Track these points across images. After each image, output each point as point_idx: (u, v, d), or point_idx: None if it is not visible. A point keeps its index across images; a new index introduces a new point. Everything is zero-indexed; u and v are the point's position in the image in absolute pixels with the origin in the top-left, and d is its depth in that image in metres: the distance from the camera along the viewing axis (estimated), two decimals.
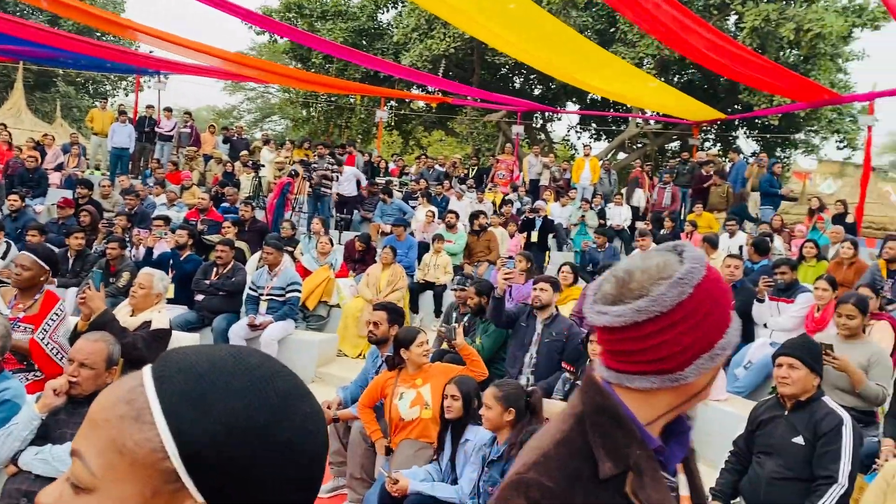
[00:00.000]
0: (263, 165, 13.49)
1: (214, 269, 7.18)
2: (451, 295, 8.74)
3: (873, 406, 4.27)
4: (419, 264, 9.29)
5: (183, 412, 0.69)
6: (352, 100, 20.20)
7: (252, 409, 0.70)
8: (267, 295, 7.00)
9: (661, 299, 0.99)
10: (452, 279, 8.96)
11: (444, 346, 5.70)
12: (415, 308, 8.80)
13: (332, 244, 9.06)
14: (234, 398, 0.70)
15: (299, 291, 7.21)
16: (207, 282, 7.09)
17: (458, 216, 10.15)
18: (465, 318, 6.14)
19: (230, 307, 7.09)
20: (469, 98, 17.59)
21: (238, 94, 33.00)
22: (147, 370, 0.73)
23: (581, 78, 12.99)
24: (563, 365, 5.02)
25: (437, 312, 8.75)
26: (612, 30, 17.96)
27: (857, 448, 3.08)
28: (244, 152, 14.38)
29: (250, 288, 7.14)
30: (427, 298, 8.93)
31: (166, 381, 0.71)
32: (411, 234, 10.16)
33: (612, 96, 14.26)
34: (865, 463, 3.69)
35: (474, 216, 9.93)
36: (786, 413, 3.27)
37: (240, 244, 8.71)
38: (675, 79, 19.19)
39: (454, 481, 3.76)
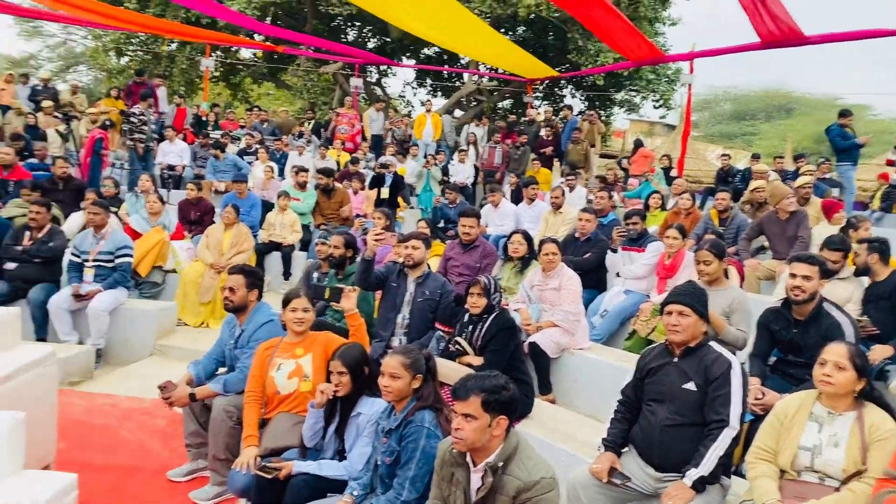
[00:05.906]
0: (77, 117, 12.00)
1: (27, 233, 6.24)
2: (303, 256, 8.31)
3: (736, 349, 4.45)
4: (262, 224, 8.71)
5: None
6: (172, 46, 18.37)
7: None
8: (93, 261, 6.22)
9: None
10: (300, 238, 8.53)
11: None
12: (261, 270, 8.24)
13: (163, 202, 8.25)
14: None
15: (130, 256, 6.51)
16: (20, 248, 6.17)
17: (308, 173, 9.56)
18: (326, 277, 5.85)
19: (48, 276, 6.23)
20: (303, 47, 16.61)
21: (36, 39, 29.24)
22: None
23: (420, 28, 12.66)
24: (437, 325, 4.83)
25: (287, 274, 8.28)
26: None
27: (746, 391, 3.14)
28: (48, 102, 12.69)
29: (73, 254, 6.31)
30: (274, 259, 8.41)
31: None
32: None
33: (452, 47, 13.95)
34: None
35: (325, 173, 9.29)
36: (675, 360, 3.28)
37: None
38: (508, 36, 19.38)
39: (339, 452, 3.47)
